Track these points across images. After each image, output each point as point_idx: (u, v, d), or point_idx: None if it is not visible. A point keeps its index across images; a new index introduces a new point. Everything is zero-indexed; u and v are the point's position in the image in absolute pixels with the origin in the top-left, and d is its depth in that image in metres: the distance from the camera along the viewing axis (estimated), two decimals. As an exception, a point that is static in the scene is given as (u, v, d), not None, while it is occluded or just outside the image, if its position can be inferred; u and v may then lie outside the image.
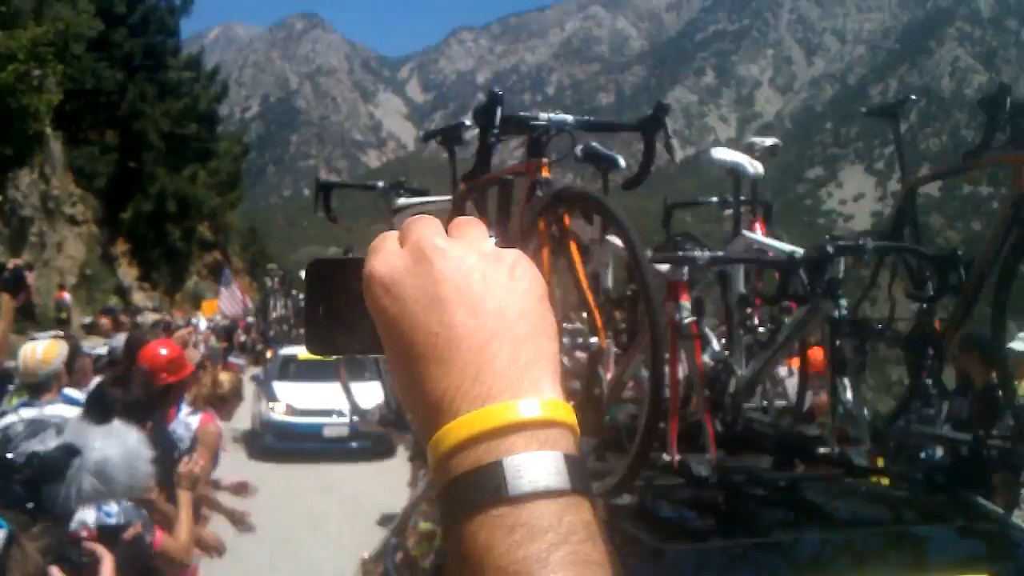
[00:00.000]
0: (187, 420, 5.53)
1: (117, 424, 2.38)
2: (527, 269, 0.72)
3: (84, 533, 2.40)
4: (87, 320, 17.74)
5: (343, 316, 0.76)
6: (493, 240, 0.74)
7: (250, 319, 36.26)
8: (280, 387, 16.48)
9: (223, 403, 5.98)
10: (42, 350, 4.94)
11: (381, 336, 0.70)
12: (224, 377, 6.73)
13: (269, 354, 26.99)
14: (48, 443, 2.21)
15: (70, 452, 2.13)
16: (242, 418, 13.10)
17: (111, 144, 35.97)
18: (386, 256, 0.71)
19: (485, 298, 0.68)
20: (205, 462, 5.09)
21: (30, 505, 2.08)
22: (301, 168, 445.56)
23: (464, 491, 0.62)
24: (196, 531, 4.49)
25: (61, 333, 7.05)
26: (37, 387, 4.85)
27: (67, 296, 25.08)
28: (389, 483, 11.53)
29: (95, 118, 36.18)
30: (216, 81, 44.07)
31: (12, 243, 25.43)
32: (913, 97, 3.47)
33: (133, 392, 3.68)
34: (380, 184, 5.00)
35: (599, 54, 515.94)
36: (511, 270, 0.70)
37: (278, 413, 15.84)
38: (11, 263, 4.68)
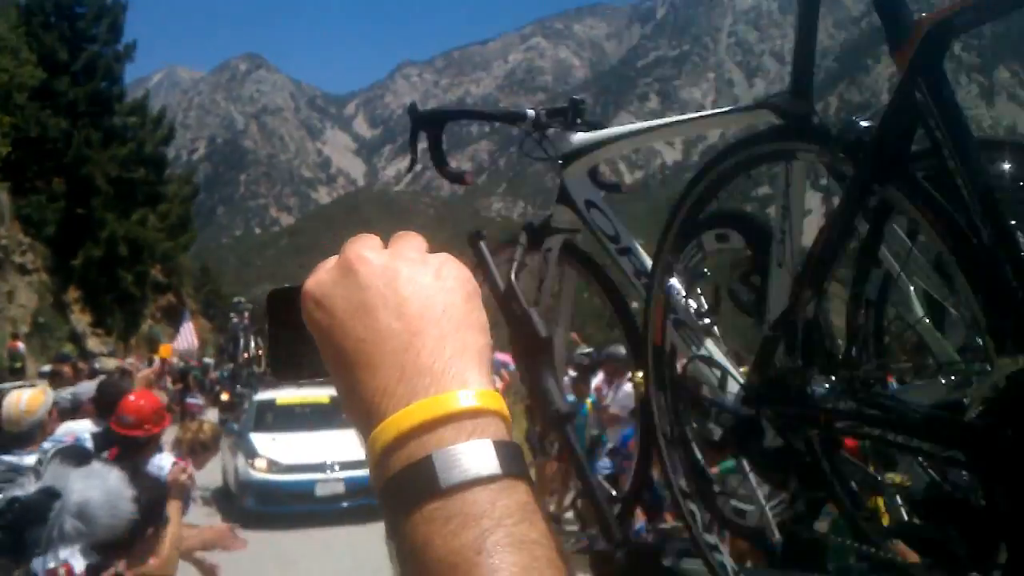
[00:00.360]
0: (160, 463, 5.70)
1: (96, 465, 2.39)
2: (453, 269, 0.74)
3: (62, 571, 2.37)
4: (45, 368, 17.59)
5: (303, 341, 0.77)
6: (423, 247, 0.76)
7: (206, 359, 36.21)
8: (259, 439, 13.94)
9: (203, 451, 5.93)
10: (26, 400, 5.01)
11: (320, 351, 0.72)
12: (207, 426, 6.86)
13: (228, 398, 26.72)
14: (28, 488, 2.20)
15: (51, 495, 2.13)
16: (210, 472, 11.01)
17: (59, 191, 35.86)
18: (318, 274, 0.73)
19: (409, 300, 0.69)
20: (178, 507, 5.33)
21: (11, 550, 2.10)
22: (251, 207, 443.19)
23: (400, 489, 0.62)
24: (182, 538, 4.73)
25: (34, 383, 7.16)
26: (20, 437, 4.84)
27: (21, 345, 25.02)
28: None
29: (41, 166, 36.06)
30: (162, 124, 44.06)
31: (-38, 295, 25.38)
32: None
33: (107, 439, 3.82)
34: (530, 112, 3.05)
35: (543, 84, 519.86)
36: (437, 271, 0.72)
37: (259, 470, 13.28)
38: None
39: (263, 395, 15.74)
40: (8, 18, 30.92)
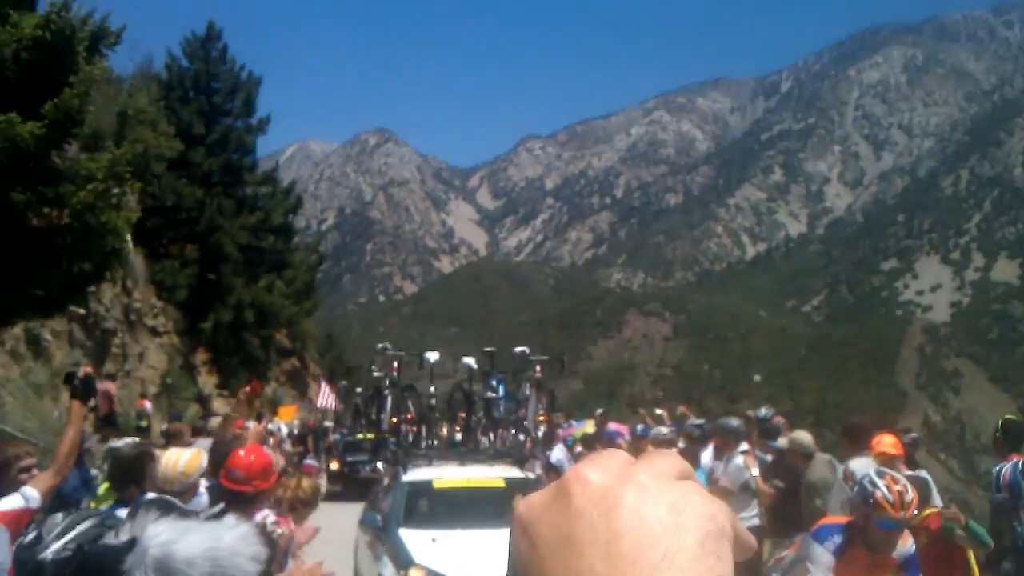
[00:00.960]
0: (263, 521, 5.73)
1: (212, 522, 2.18)
2: (697, 503, 0.57)
3: None
4: (164, 427, 18.08)
5: None
6: (670, 471, 0.60)
7: (326, 423, 36.85)
8: (412, 539, 9.14)
9: (303, 507, 6.18)
10: (184, 462, 5.22)
11: None
12: (306, 483, 6.98)
13: (337, 466, 26.52)
14: (110, 540, 2.01)
15: (127, 545, 1.95)
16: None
17: (191, 257, 37.22)
18: (533, 494, 0.60)
19: (623, 537, 0.54)
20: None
21: None
22: (376, 275, 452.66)
23: None
24: None
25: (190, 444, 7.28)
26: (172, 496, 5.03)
27: (148, 405, 25.74)
28: None
29: (176, 233, 37.57)
30: (291, 195, 45.47)
31: (96, 355, 26.33)
32: None
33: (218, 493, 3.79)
34: None
35: (665, 156, 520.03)
36: (673, 504, 0.56)
37: None
38: (82, 370, 4.99)
39: (415, 475, 10.71)
40: (149, 92, 32.47)
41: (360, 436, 22.75)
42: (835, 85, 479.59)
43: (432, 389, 12.92)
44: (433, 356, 13.04)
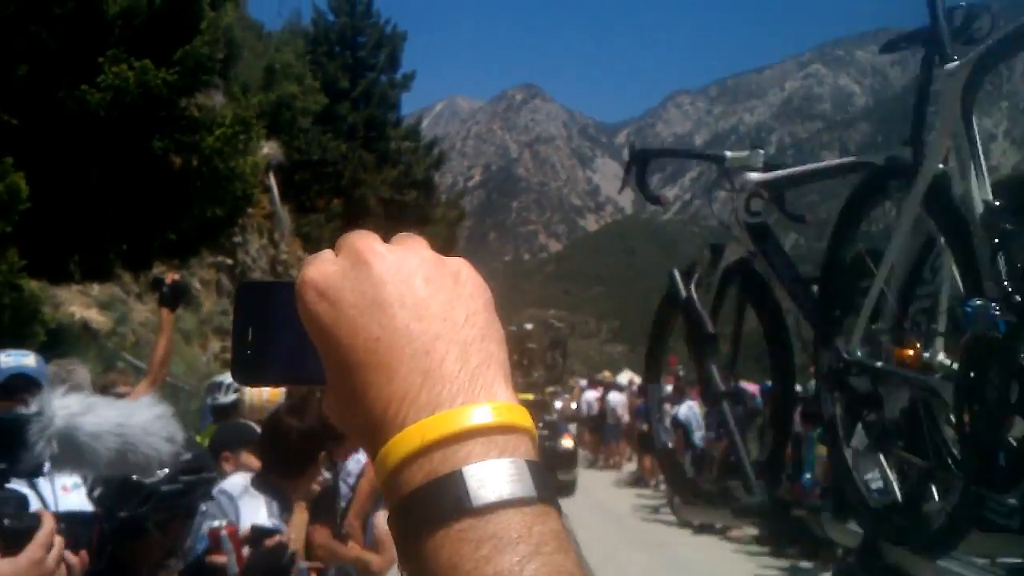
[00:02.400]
0: (359, 456, 5.77)
1: (127, 401, 2.25)
2: (472, 274, 0.67)
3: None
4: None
5: (275, 343, 0.70)
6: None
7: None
8: None
9: None
10: (269, 391, 5.27)
11: (317, 346, 0.64)
12: None
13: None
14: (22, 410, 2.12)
15: (32, 415, 2.01)
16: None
17: (336, 211, 38.00)
18: (320, 263, 0.66)
19: (428, 301, 0.62)
20: (363, 497, 5.33)
21: (2, 465, 2.00)
22: (521, 233, 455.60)
23: (421, 505, 0.56)
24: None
25: None
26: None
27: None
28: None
29: (321, 187, 38.40)
30: (434, 151, 45.86)
31: (243, 304, 27.25)
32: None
33: (307, 421, 3.76)
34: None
35: (821, 112, 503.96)
36: (455, 275, 0.65)
37: None
38: (169, 277, 5.01)
39: None
40: (295, 46, 33.12)
41: None
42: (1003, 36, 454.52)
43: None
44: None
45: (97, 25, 8.73)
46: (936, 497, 2.52)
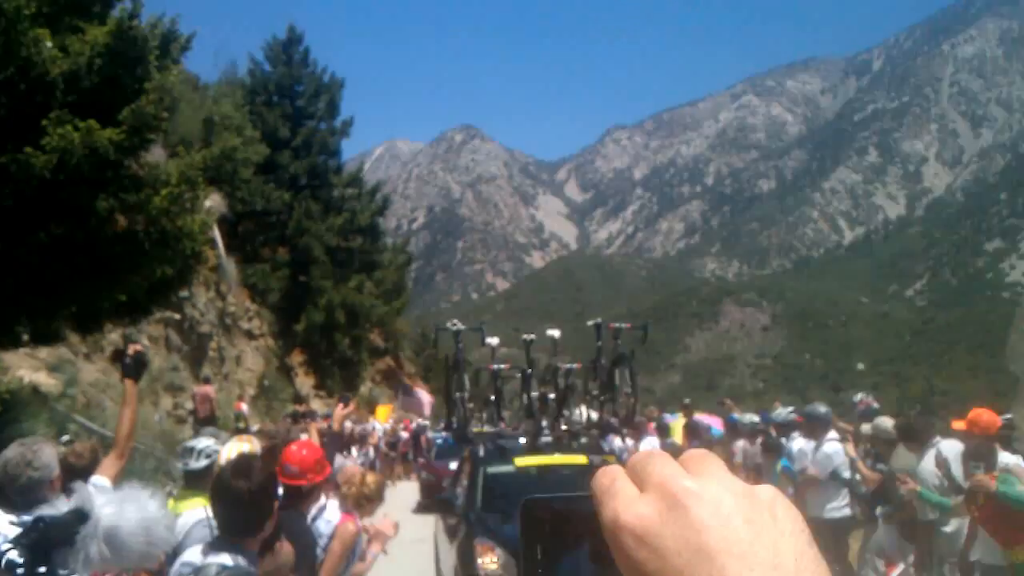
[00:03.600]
0: (329, 518, 5.79)
1: (134, 489, 2.31)
2: (787, 508, 0.64)
3: None
4: (254, 427, 18.38)
5: (573, 561, 0.68)
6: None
7: (421, 421, 37.26)
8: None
9: (368, 503, 6.22)
10: (235, 454, 5.30)
11: None
12: (370, 479, 7.11)
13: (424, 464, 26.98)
14: (60, 508, 2.15)
15: (79, 517, 2.05)
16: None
17: (282, 260, 37.86)
18: (631, 503, 0.63)
19: (755, 546, 0.60)
20: (335, 558, 5.35)
21: (42, 570, 2.01)
22: (468, 273, 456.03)
23: None
24: None
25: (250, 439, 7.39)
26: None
27: (244, 407, 26.24)
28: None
29: (266, 237, 38.25)
30: (376, 196, 45.93)
31: (193, 359, 26.95)
32: None
33: (255, 479, 3.76)
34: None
35: (756, 141, 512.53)
36: (772, 511, 0.62)
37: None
38: (131, 348, 4.99)
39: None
40: (234, 98, 33.09)
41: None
42: (928, 61, 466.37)
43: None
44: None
45: (39, 88, 8.68)
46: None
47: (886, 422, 9.12)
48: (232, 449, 5.29)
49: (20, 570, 1.99)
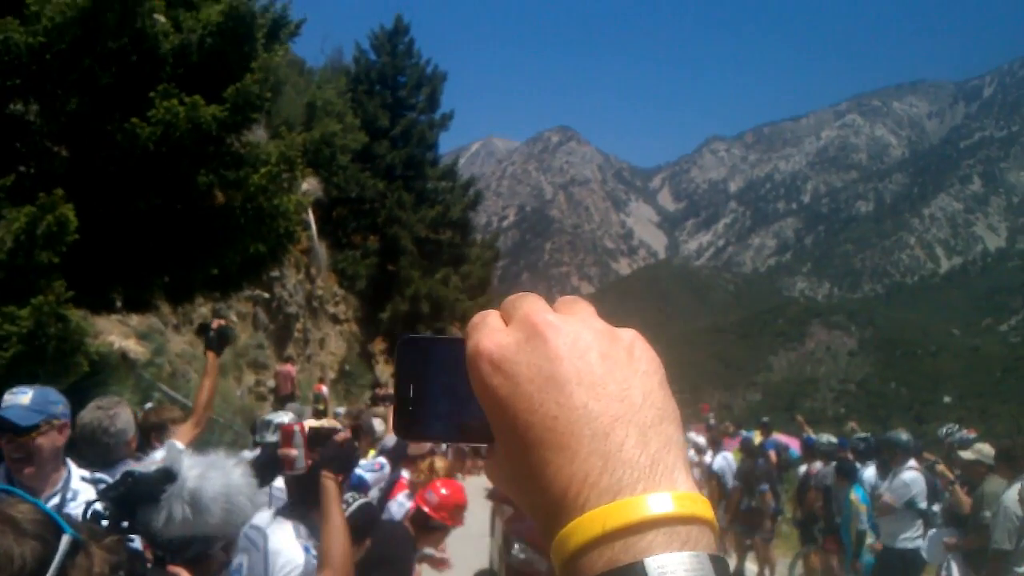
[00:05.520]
0: (402, 503, 5.80)
1: (220, 456, 2.34)
2: (646, 350, 0.66)
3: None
4: (340, 410, 18.61)
5: (436, 399, 0.71)
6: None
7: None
8: None
9: None
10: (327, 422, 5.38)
11: (491, 419, 0.64)
12: (439, 464, 7.16)
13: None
14: (148, 465, 2.20)
15: (167, 476, 2.09)
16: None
17: (372, 248, 38.23)
18: (493, 332, 0.66)
19: (606, 379, 0.62)
20: None
21: (125, 524, 2.05)
22: (554, 275, 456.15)
23: None
24: None
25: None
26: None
27: (324, 389, 26.56)
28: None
29: (358, 224, 38.67)
30: (470, 191, 46.12)
31: (278, 338, 27.39)
32: None
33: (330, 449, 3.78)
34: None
35: (857, 162, 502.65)
36: (629, 350, 0.65)
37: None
38: (215, 322, 5.06)
39: None
40: (337, 84, 33.50)
41: None
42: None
43: None
44: None
45: (149, 60, 8.85)
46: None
47: (986, 447, 8.86)
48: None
49: (104, 521, 2.03)
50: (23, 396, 3.69)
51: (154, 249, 9.42)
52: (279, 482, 3.97)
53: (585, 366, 0.62)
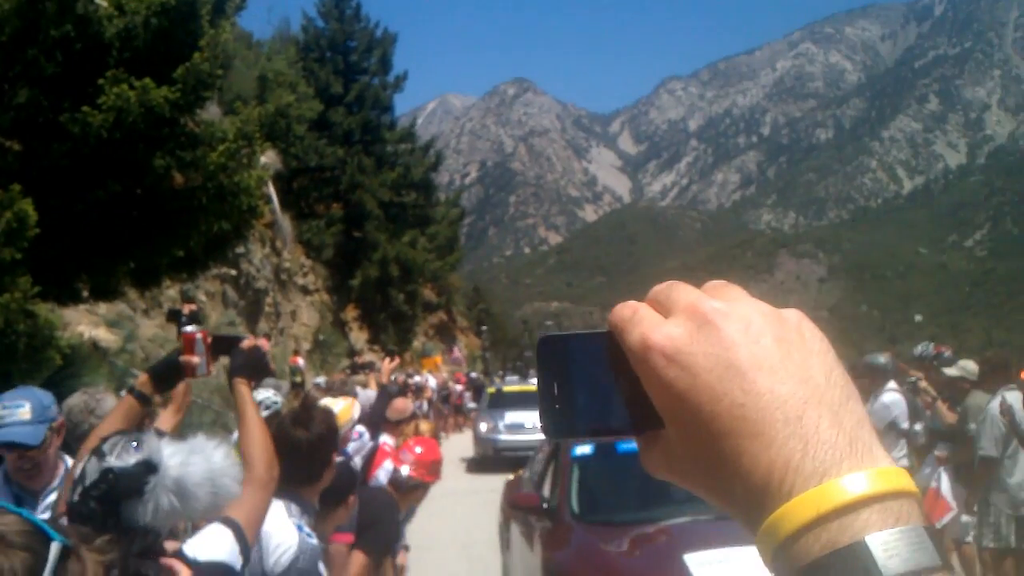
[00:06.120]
0: (389, 470, 5.85)
1: (200, 440, 2.34)
2: (813, 328, 0.65)
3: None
4: (319, 380, 18.62)
5: (580, 395, 0.69)
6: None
7: (474, 374, 37.65)
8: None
9: None
10: (338, 411, 5.26)
11: (667, 412, 0.64)
12: (424, 426, 7.23)
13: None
14: (127, 459, 2.18)
15: (148, 468, 2.10)
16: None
17: (336, 216, 38.07)
18: (659, 325, 0.64)
19: (785, 362, 0.61)
20: None
21: (110, 522, 2.05)
22: (520, 227, 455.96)
23: None
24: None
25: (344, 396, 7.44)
26: None
27: (300, 361, 26.54)
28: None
29: (320, 193, 38.46)
30: (431, 151, 45.94)
31: (249, 314, 27.29)
32: None
33: (314, 429, 3.79)
34: None
35: (814, 90, 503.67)
36: (799, 330, 0.64)
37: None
38: (186, 307, 5.09)
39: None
40: (287, 54, 33.15)
41: None
42: (992, 5, 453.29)
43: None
44: None
45: (95, 46, 8.74)
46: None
47: (970, 364, 9.02)
48: (333, 406, 5.33)
49: (91, 521, 2.03)
50: (21, 410, 3.64)
51: (117, 236, 9.36)
52: None
53: (762, 351, 0.61)
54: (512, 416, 21.01)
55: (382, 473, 5.94)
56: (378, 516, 4.79)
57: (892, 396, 9.29)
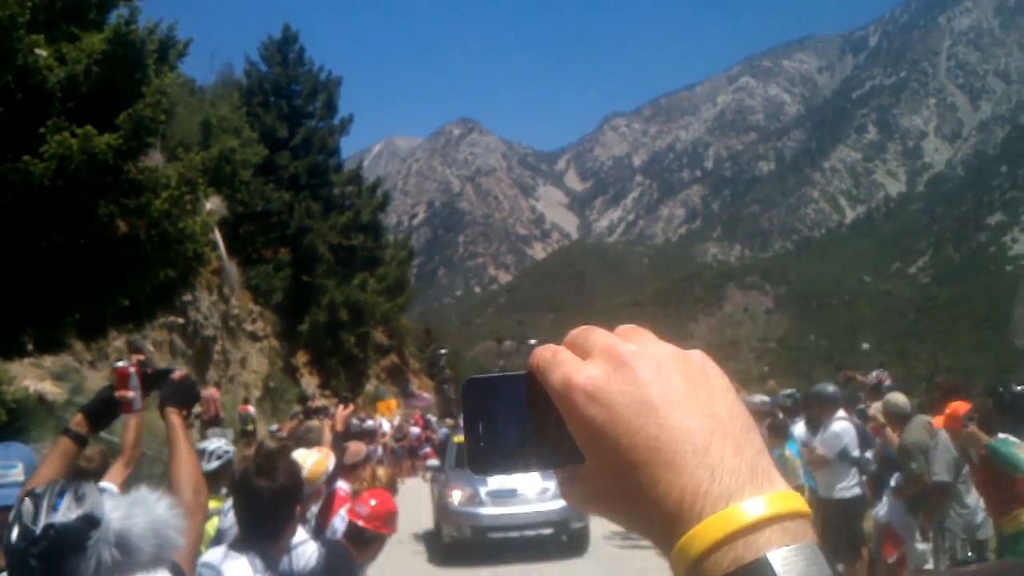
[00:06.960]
0: (345, 515, 5.78)
1: (143, 492, 2.30)
2: (714, 366, 0.72)
3: None
4: (274, 427, 18.42)
5: (504, 434, 0.74)
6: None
7: (428, 416, 37.42)
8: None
9: None
10: (309, 466, 5.14)
11: (587, 446, 0.69)
12: (381, 472, 7.18)
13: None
14: (69, 515, 2.13)
15: (90, 523, 2.06)
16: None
17: (284, 260, 37.82)
18: (579, 366, 0.70)
19: (692, 398, 0.68)
20: None
21: None
22: (470, 267, 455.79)
23: None
24: None
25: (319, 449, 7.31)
26: None
27: (251, 409, 26.24)
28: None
29: (267, 238, 38.20)
30: (376, 193, 45.88)
31: (198, 362, 26.96)
32: None
33: (278, 480, 3.71)
34: None
35: (755, 123, 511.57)
36: (702, 369, 0.71)
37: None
38: (133, 358, 5.00)
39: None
40: (231, 99, 33.05)
41: None
42: (925, 35, 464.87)
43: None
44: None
45: (37, 96, 8.67)
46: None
47: (899, 397, 9.13)
48: (301, 457, 5.22)
49: None
50: (14, 471, 3.53)
51: (61, 287, 9.24)
52: (230, 517, 3.91)
53: (672, 388, 0.68)
54: (498, 480, 13.88)
55: (338, 520, 5.88)
56: (338, 571, 4.72)
57: (842, 424, 9.38)
